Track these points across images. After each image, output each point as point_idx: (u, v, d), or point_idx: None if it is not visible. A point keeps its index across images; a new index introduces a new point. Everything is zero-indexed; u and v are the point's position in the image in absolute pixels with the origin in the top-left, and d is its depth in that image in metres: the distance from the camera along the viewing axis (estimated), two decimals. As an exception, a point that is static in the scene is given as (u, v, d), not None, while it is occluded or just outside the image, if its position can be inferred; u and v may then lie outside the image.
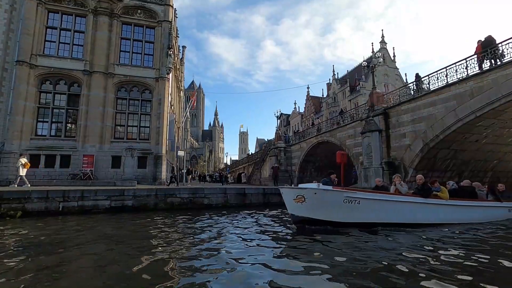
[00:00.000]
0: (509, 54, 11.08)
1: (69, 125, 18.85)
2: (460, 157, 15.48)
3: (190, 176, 21.16)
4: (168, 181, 18.53)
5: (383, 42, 49.94)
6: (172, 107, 26.62)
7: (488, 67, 11.68)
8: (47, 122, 18.06)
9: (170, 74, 21.85)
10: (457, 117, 12.46)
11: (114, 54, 19.65)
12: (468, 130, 13.35)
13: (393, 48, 52.71)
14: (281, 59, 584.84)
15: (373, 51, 45.38)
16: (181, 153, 21.13)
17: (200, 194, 11.27)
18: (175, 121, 28.99)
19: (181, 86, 38.16)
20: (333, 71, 57.27)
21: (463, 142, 14.25)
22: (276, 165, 26.44)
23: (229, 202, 11.47)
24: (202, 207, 10.91)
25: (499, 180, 18.85)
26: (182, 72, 38.99)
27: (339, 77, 56.80)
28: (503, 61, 11.12)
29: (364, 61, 27.98)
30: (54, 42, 18.70)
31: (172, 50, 21.73)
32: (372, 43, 44.27)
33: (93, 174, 17.57)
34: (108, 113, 19.06)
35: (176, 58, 29.32)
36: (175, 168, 20.33)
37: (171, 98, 25.39)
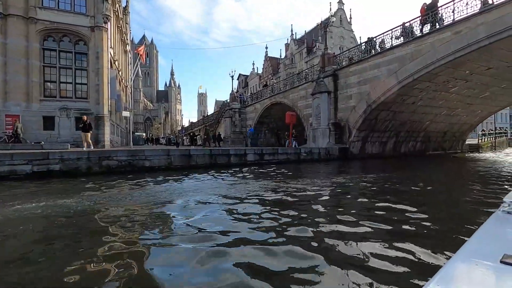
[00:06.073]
0: (447, 18, 11.53)
1: (-17, 79, 16.04)
2: (398, 118, 16.64)
3: (89, 134, 14.01)
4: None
5: (340, 2, 49.34)
6: (116, 62, 24.03)
7: (428, 31, 12.11)
8: (-48, 75, 15.13)
9: (109, 24, 19.24)
10: (397, 79, 13.06)
11: (34, -6, 16.49)
12: (406, 93, 14.19)
13: (350, 9, 52.68)
14: (240, 18, 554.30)
15: (330, 11, 44.73)
16: (126, 113, 19.62)
17: (141, 157, 10.66)
18: (121, 78, 26.45)
19: (126, 39, 34.33)
20: (291, 30, 56.30)
21: (401, 104, 15.20)
22: (211, 130, 27.69)
23: (173, 164, 11.07)
24: (143, 169, 10.40)
25: (429, 139, 20.99)
26: (127, 23, 34.80)
27: (297, 37, 55.88)
28: (442, 25, 11.59)
29: (321, 21, 27.54)
30: (-51, -27, 14.98)
31: (110, -6, 18.91)
32: (330, 3, 43.25)
33: (20, 137, 15.57)
34: (34, 66, 16.48)
35: (117, 5, 25.84)
36: None
37: (114, 52, 22.78)
